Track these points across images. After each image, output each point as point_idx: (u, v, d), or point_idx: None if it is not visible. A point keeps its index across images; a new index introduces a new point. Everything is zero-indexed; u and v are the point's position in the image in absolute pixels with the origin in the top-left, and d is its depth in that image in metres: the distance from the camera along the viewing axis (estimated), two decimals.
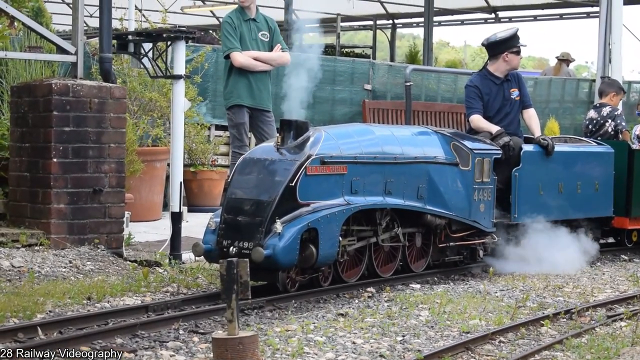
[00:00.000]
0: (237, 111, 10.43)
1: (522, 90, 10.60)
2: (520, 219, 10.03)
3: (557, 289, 9.05)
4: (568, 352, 6.67)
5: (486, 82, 10.50)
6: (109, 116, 9.63)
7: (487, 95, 10.44)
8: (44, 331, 6.56)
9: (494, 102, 10.44)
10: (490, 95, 10.45)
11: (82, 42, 9.92)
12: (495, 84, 10.48)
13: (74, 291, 7.82)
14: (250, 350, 6.02)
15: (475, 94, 10.45)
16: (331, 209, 8.12)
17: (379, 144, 8.86)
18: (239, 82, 10.41)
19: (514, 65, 10.51)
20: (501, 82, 10.50)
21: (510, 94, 10.50)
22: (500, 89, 10.49)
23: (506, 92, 10.50)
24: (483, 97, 10.43)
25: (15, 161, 9.68)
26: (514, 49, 10.46)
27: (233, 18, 10.49)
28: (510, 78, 10.55)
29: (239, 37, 10.41)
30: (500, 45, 10.46)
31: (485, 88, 10.46)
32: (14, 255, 8.81)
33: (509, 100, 10.49)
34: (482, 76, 10.57)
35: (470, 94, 10.51)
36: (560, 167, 10.53)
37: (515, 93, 10.52)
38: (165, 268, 9.15)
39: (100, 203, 9.59)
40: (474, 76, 10.72)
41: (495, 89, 10.48)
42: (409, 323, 7.34)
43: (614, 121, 11.84)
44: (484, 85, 10.48)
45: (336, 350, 6.45)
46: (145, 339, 6.63)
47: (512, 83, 10.55)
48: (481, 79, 10.55)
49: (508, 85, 10.52)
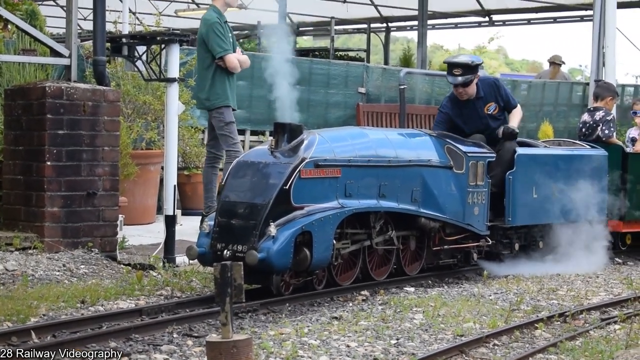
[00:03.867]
0: (227, 111, 10.50)
1: (502, 98, 10.39)
2: (514, 222, 10.03)
3: (551, 292, 9.05)
4: (562, 355, 6.67)
5: (456, 104, 10.37)
6: (102, 119, 9.62)
7: (459, 117, 10.34)
8: (38, 335, 6.56)
9: (468, 121, 10.32)
10: (462, 117, 10.34)
11: (76, 45, 9.91)
12: (466, 105, 10.33)
13: (67, 295, 7.81)
14: (245, 353, 6.01)
15: (442, 120, 10.36)
16: (325, 212, 8.11)
17: (373, 147, 8.86)
18: (225, 83, 10.51)
19: (469, 94, 10.27)
20: (472, 102, 10.32)
21: (485, 110, 10.34)
22: (473, 109, 10.33)
23: (480, 110, 10.32)
24: (454, 120, 10.31)
25: (9, 164, 9.66)
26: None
27: (220, 19, 10.53)
28: (484, 93, 10.32)
29: (226, 37, 10.49)
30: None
31: (455, 112, 10.34)
32: (8, 259, 8.80)
33: (484, 117, 10.33)
34: (452, 99, 10.42)
35: (438, 119, 10.47)
36: (554, 170, 10.53)
37: (491, 108, 10.34)
38: (159, 271, 9.15)
39: (94, 206, 9.57)
40: (446, 100, 10.54)
41: (467, 110, 10.33)
42: (403, 326, 7.34)
43: (604, 126, 11.83)
44: (455, 109, 10.35)
45: (330, 354, 6.44)
46: (139, 343, 6.62)
47: (488, 97, 10.34)
48: (452, 102, 10.41)
49: (481, 103, 10.33)
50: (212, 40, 10.49)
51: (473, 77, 10.21)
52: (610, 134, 11.78)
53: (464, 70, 10.16)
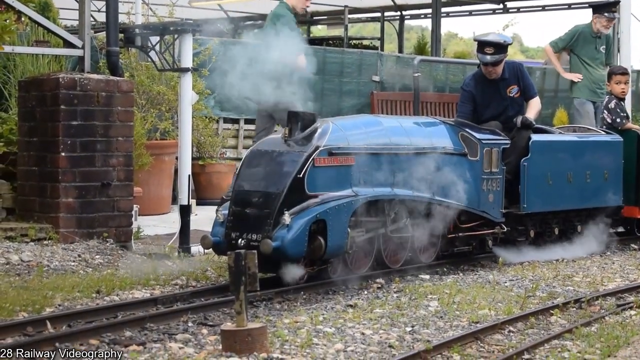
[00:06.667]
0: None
1: (523, 84, 10.41)
2: (529, 209, 10.02)
3: (566, 279, 9.04)
4: (577, 341, 6.66)
5: (480, 83, 10.37)
6: (116, 110, 9.64)
7: (480, 97, 10.34)
8: (53, 325, 6.57)
9: (490, 103, 10.32)
10: (484, 97, 10.34)
11: (89, 36, 9.93)
12: (490, 85, 10.35)
13: (83, 285, 7.84)
14: (259, 341, 6.03)
15: (467, 99, 10.36)
16: (339, 201, 8.10)
17: (387, 134, 8.85)
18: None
19: (497, 74, 10.28)
20: (496, 82, 10.34)
21: (507, 92, 10.36)
22: (496, 89, 10.34)
23: (502, 91, 10.32)
24: (476, 99, 10.33)
25: (24, 156, 9.69)
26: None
27: (291, 15, 10.58)
28: (508, 75, 10.35)
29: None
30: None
31: (478, 91, 10.35)
32: (23, 250, 8.83)
33: (505, 99, 10.33)
34: (476, 78, 10.44)
35: (462, 98, 10.46)
36: (568, 156, 10.51)
37: (514, 90, 10.35)
38: (174, 261, 9.17)
39: (108, 197, 9.60)
40: (469, 78, 10.55)
41: (490, 90, 10.33)
42: (418, 313, 7.33)
43: (613, 115, 11.78)
44: (478, 88, 10.35)
45: (345, 341, 6.45)
46: (154, 332, 6.64)
47: (511, 80, 10.35)
48: (475, 81, 10.42)
49: (504, 84, 10.34)
50: (284, 33, 10.48)
51: (504, 57, 10.24)
52: (622, 120, 11.72)
53: (495, 50, 10.16)
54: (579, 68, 12.96)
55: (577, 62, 12.98)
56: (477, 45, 10.40)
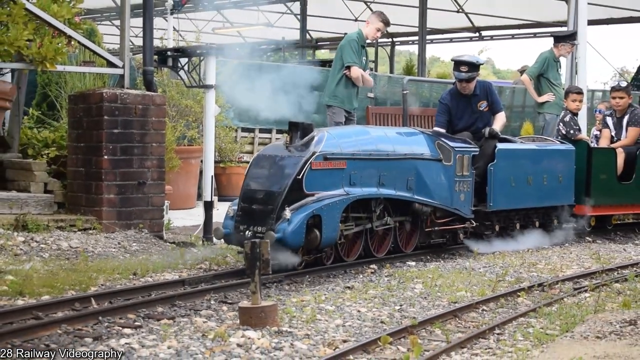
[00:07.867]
0: (339, 111, 10.59)
1: (491, 100, 10.38)
2: (495, 207, 10.00)
3: (531, 266, 9.02)
4: (540, 319, 6.65)
5: (455, 98, 10.34)
6: (151, 120, 9.63)
7: (455, 109, 10.32)
8: (97, 301, 6.58)
9: (462, 115, 10.30)
10: (458, 109, 10.32)
11: (129, 57, 9.93)
12: (463, 100, 10.32)
13: (122, 268, 7.83)
14: (271, 317, 6.02)
15: (443, 110, 10.35)
16: (333, 199, 8.07)
17: (374, 142, 8.81)
18: (345, 88, 10.57)
19: (470, 90, 10.26)
20: (469, 97, 10.31)
21: (477, 107, 10.33)
22: (468, 104, 10.32)
23: (474, 105, 10.30)
24: (451, 111, 10.31)
25: (72, 158, 9.70)
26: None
27: (359, 39, 10.63)
28: (479, 92, 10.31)
29: (359, 55, 10.57)
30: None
31: (453, 104, 10.32)
32: (72, 238, 8.83)
33: (476, 112, 10.30)
34: (452, 93, 10.41)
35: (439, 110, 10.46)
36: (529, 162, 10.50)
37: (483, 105, 10.32)
38: (199, 248, 9.16)
39: (144, 194, 9.60)
40: (446, 93, 10.51)
41: (463, 104, 10.31)
42: (405, 295, 7.32)
43: (567, 127, 11.76)
44: (453, 102, 10.32)
45: (344, 318, 6.44)
46: (182, 308, 6.64)
47: (481, 96, 10.32)
48: (451, 95, 10.39)
49: (475, 99, 10.31)
50: (345, 52, 10.57)
51: (476, 75, 10.24)
52: (575, 132, 11.72)
53: (469, 68, 10.16)
54: (549, 89, 12.91)
55: (546, 84, 12.93)
56: (453, 64, 10.42)
